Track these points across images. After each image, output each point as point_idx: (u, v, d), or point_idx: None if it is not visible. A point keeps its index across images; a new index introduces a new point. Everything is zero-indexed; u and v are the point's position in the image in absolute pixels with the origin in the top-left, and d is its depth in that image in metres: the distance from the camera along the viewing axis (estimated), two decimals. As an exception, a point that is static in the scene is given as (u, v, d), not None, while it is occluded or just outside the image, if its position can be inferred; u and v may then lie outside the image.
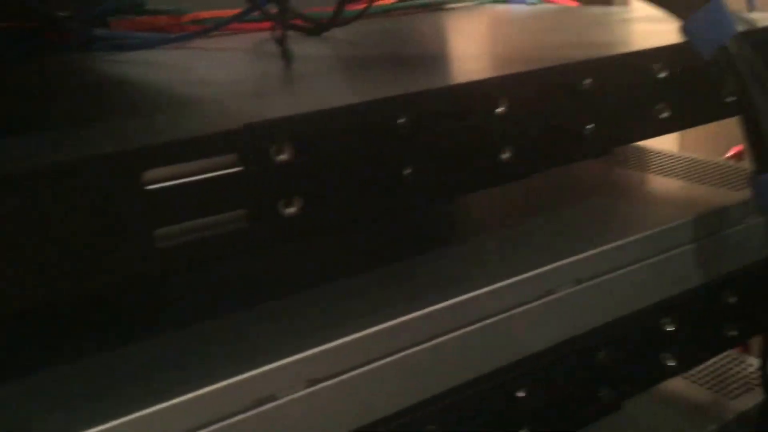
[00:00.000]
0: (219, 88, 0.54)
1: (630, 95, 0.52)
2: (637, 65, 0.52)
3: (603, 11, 0.82)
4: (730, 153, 0.92)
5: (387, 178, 0.42)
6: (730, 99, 0.50)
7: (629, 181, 0.68)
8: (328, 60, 0.65)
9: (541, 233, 0.55)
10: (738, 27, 0.50)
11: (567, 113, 0.49)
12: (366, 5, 0.77)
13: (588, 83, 0.49)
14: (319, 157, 0.40)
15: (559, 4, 0.95)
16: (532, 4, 0.93)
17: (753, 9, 0.71)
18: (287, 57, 0.59)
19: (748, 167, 0.50)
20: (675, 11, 0.50)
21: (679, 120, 0.55)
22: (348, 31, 0.75)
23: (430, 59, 0.61)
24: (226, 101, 0.48)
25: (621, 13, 0.78)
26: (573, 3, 0.94)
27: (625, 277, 0.53)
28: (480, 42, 0.73)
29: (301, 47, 0.64)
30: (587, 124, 0.50)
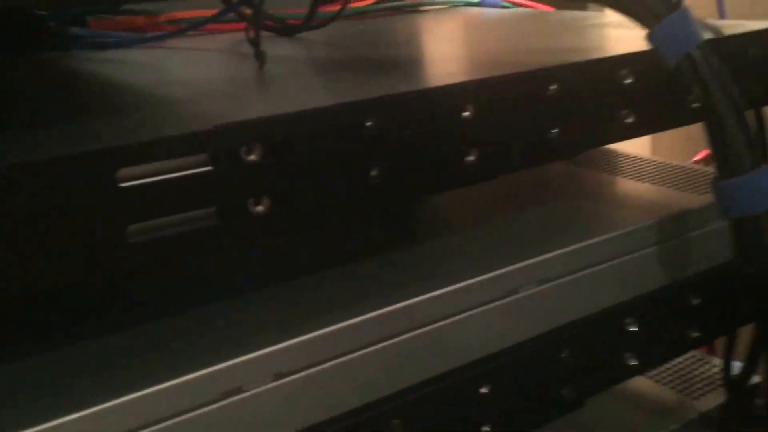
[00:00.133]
0: (192, 88, 0.55)
1: (595, 101, 0.53)
2: (603, 71, 0.53)
3: (576, 16, 0.82)
4: (697, 157, 0.92)
5: (354, 179, 0.43)
6: (694, 105, 0.51)
7: (597, 184, 0.68)
8: (300, 62, 0.66)
9: (507, 234, 0.55)
10: (703, 35, 0.50)
11: (532, 118, 0.50)
12: (340, 7, 0.78)
13: (554, 89, 0.50)
14: (288, 158, 0.41)
15: (533, 8, 0.95)
16: (504, 7, 0.93)
17: (723, 17, 0.72)
18: (260, 58, 0.59)
19: (713, 171, 0.51)
20: (642, 20, 0.51)
21: (644, 125, 0.55)
22: (322, 33, 0.75)
23: (400, 62, 0.61)
24: (198, 102, 0.49)
25: (593, 19, 0.78)
26: (547, 7, 0.95)
27: (589, 278, 0.53)
28: (450, 46, 0.73)
29: (275, 48, 0.65)
30: (552, 128, 0.50)
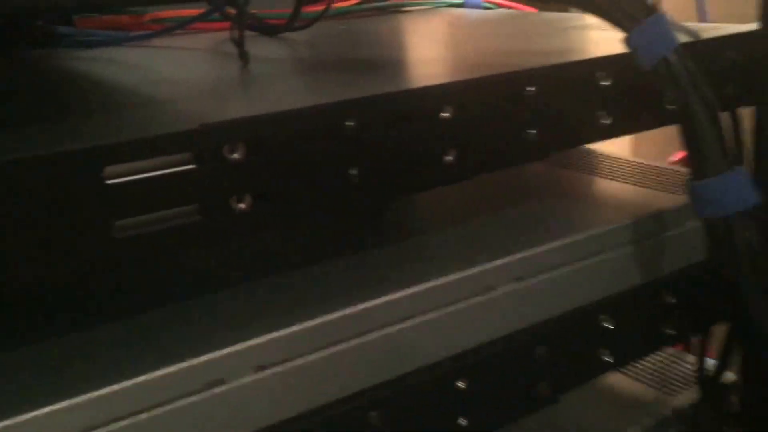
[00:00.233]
0: (177, 87, 0.55)
1: (572, 102, 0.54)
2: (581, 73, 0.54)
3: (556, 18, 0.83)
4: (675, 158, 0.93)
5: (334, 177, 0.44)
6: (670, 107, 0.52)
7: (575, 184, 0.69)
8: (283, 62, 0.66)
9: (485, 232, 0.56)
10: (680, 39, 0.51)
11: (510, 119, 0.51)
12: (324, 7, 0.78)
13: (531, 91, 0.51)
14: (270, 157, 0.41)
15: (516, 9, 0.96)
16: (487, 8, 0.94)
17: (705, 20, 0.73)
18: (244, 58, 0.60)
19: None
20: (619, 24, 0.52)
21: (621, 126, 0.56)
22: (305, 32, 0.76)
23: (382, 63, 0.62)
24: (183, 101, 0.50)
25: (574, 20, 0.78)
26: (530, 8, 0.95)
27: (565, 276, 0.54)
28: (432, 46, 0.74)
29: (259, 48, 0.65)
30: (529, 129, 0.51)
